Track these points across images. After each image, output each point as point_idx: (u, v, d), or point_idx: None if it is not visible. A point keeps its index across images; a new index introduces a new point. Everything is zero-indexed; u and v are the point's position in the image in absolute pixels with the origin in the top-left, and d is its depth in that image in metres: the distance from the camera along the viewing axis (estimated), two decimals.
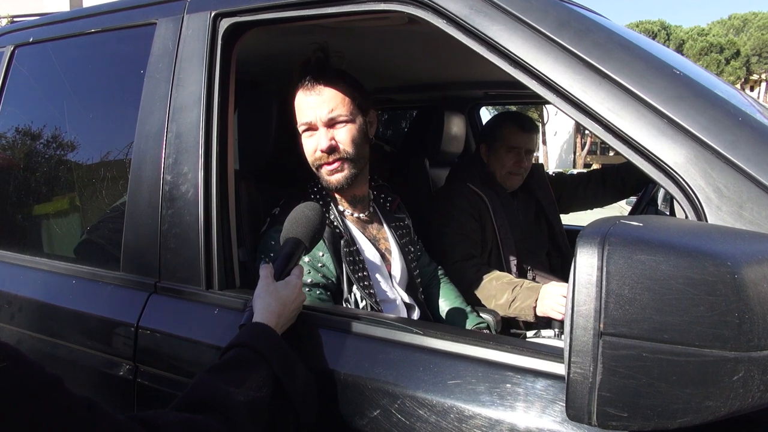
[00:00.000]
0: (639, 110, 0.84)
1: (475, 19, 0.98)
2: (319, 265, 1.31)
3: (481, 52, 0.98)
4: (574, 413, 0.61)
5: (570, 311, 0.62)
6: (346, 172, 1.37)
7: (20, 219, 1.70)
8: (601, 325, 0.59)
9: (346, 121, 1.35)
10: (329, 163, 1.36)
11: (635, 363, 0.59)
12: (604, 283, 0.60)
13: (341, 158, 1.36)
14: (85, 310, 1.36)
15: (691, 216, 0.80)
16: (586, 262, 0.61)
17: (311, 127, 1.36)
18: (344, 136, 1.35)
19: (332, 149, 1.34)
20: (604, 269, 0.60)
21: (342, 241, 1.33)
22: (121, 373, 1.24)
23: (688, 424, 0.59)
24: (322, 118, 1.34)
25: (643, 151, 0.83)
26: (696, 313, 0.58)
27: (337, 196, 1.43)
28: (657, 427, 0.60)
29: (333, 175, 1.37)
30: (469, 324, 1.63)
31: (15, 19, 2.12)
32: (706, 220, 0.78)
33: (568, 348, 0.61)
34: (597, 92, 0.87)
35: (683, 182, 0.80)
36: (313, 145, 1.37)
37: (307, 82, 1.36)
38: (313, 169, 1.40)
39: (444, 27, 1.02)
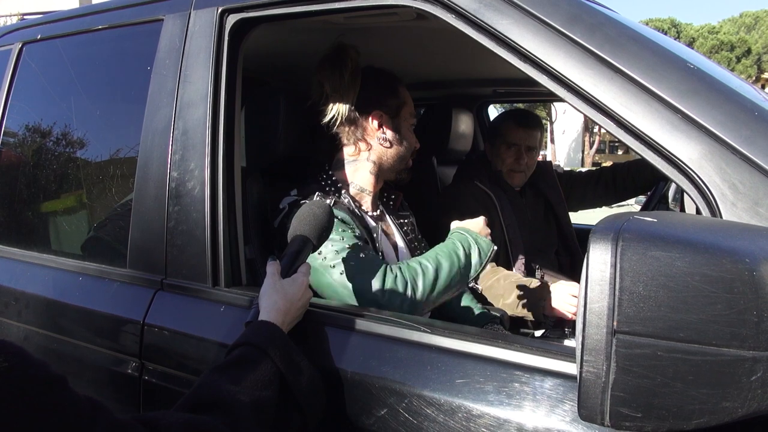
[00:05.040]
0: (652, 105, 0.83)
1: (484, 14, 0.97)
2: (345, 226, 1.29)
3: (490, 47, 0.97)
4: (586, 413, 0.60)
5: (582, 309, 0.60)
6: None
7: (27, 216, 1.71)
8: (615, 323, 0.58)
9: None
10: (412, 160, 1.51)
11: (650, 362, 0.57)
12: (617, 279, 0.58)
13: None
14: (91, 307, 1.36)
15: (706, 213, 0.78)
16: (599, 258, 0.59)
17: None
18: None
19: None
20: (618, 266, 0.58)
21: (366, 230, 1.35)
22: (127, 371, 1.24)
23: (705, 426, 0.57)
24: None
25: (656, 146, 0.82)
26: (713, 311, 0.56)
27: (352, 191, 1.44)
28: (672, 428, 0.58)
29: (408, 170, 1.52)
30: (481, 320, 1.62)
31: (25, 17, 2.12)
32: (721, 218, 0.76)
33: (580, 346, 0.60)
34: (609, 87, 0.86)
35: (697, 179, 0.79)
36: (414, 139, 1.52)
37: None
38: (395, 161, 1.47)
39: (453, 22, 1.01)
